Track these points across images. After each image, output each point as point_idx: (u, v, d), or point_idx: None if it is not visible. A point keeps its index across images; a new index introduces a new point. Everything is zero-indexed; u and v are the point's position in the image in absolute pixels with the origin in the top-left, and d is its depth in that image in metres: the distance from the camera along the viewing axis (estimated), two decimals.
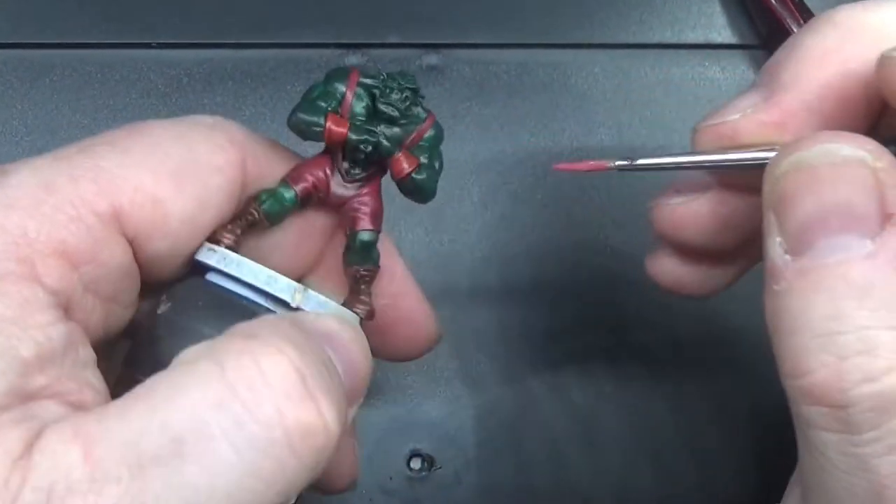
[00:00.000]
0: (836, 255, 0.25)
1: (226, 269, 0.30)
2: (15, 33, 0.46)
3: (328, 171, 0.32)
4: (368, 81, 0.31)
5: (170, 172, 0.29)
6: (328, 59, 0.47)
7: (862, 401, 0.25)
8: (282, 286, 0.30)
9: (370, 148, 0.31)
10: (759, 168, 0.28)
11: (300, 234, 0.33)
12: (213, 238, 0.31)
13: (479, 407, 0.44)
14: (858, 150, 0.26)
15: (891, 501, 0.25)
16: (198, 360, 0.24)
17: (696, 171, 0.31)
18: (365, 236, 0.32)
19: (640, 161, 0.30)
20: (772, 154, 0.28)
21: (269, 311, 0.30)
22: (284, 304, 0.30)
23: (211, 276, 0.31)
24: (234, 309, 0.30)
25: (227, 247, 0.30)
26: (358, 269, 0.32)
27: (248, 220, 0.31)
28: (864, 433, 0.25)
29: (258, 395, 0.23)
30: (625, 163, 0.30)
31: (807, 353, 0.25)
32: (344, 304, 0.32)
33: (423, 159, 0.32)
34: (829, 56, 0.28)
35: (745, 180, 0.31)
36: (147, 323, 0.30)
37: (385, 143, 0.31)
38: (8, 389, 0.24)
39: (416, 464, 0.44)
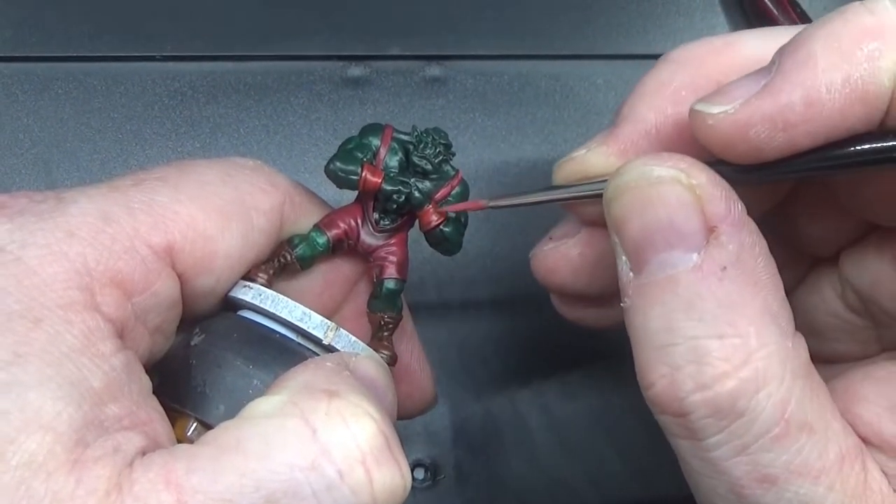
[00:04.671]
0: (666, 270, 0.26)
1: (261, 305, 0.31)
2: (20, 46, 0.46)
3: (359, 220, 0.33)
4: (403, 136, 0.33)
5: (219, 211, 0.30)
6: (331, 71, 0.47)
7: (698, 408, 0.26)
8: (315, 323, 0.31)
9: (402, 198, 0.32)
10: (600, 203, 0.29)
11: (327, 279, 0.34)
12: (247, 277, 0.32)
13: (478, 414, 0.44)
14: (671, 169, 0.26)
15: (751, 500, 0.26)
16: (284, 416, 0.25)
17: (553, 203, 0.32)
18: (391, 284, 0.33)
19: (502, 202, 0.32)
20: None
21: (300, 346, 0.31)
22: (316, 341, 0.31)
23: (244, 313, 0.31)
24: (267, 342, 0.30)
25: (261, 284, 0.31)
26: (383, 315, 0.33)
27: (281, 263, 0.32)
28: (707, 439, 0.26)
29: (350, 458, 0.24)
30: (494, 203, 0.32)
31: (648, 365, 0.27)
32: (371, 344, 0.33)
33: (451, 214, 0.33)
34: (663, 87, 0.30)
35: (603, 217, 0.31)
36: (180, 354, 0.30)
37: (417, 194, 0.32)
38: (85, 422, 0.24)
39: (419, 474, 0.44)
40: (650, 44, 0.48)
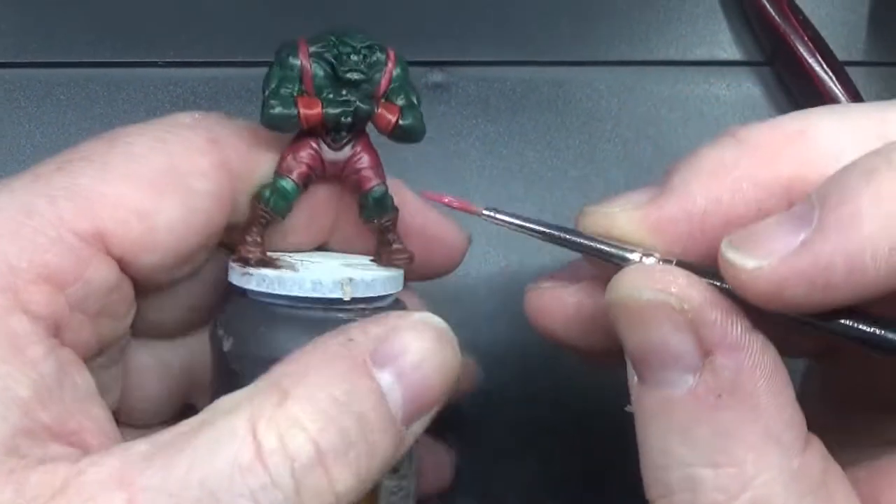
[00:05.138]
0: (662, 389, 0.26)
1: (268, 290, 0.30)
2: (21, 52, 0.46)
3: (315, 146, 0.31)
4: (321, 50, 0.31)
5: (150, 183, 0.29)
6: None
7: None
8: (328, 287, 0.30)
9: (350, 118, 0.31)
10: (613, 265, 0.28)
11: (309, 210, 0.33)
12: (239, 256, 0.31)
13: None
14: (660, 293, 0.25)
15: None
16: (235, 414, 0.25)
17: (560, 245, 0.29)
18: (376, 192, 0.32)
19: (501, 216, 0.29)
20: (626, 259, 0.27)
21: (326, 312, 0.30)
22: (338, 301, 0.30)
23: (257, 297, 0.31)
24: (293, 323, 0.30)
25: (257, 261, 0.31)
26: (379, 221, 0.32)
27: (262, 223, 0.31)
28: None
29: (279, 463, 0.24)
30: (489, 213, 0.30)
31: (648, 482, 0.26)
32: (378, 259, 0.33)
33: (401, 101, 0.32)
34: (723, 170, 0.27)
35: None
36: (218, 360, 0.30)
37: (362, 106, 0.31)
38: (14, 432, 0.24)
39: None
40: (653, 50, 0.48)
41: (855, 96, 0.46)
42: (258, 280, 0.30)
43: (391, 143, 0.32)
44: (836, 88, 0.46)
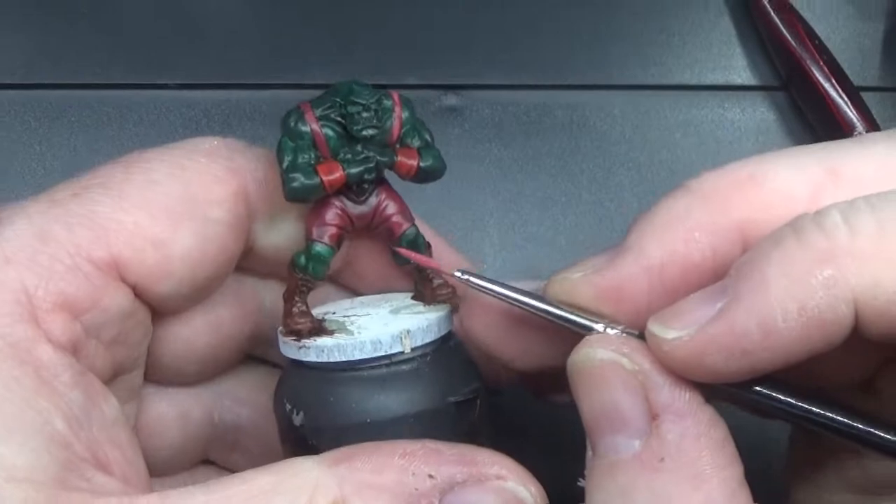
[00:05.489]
0: (610, 455, 0.26)
1: (329, 360, 0.30)
2: (33, 74, 0.46)
3: (340, 205, 0.31)
4: (328, 112, 0.31)
5: (167, 212, 0.29)
6: None
7: None
8: (388, 344, 0.30)
9: (373, 174, 0.31)
10: (575, 333, 0.28)
11: (339, 264, 0.33)
12: (290, 329, 0.31)
13: None
14: (614, 353, 0.26)
15: None
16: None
17: (531, 313, 0.29)
18: (409, 236, 0.32)
19: (475, 280, 0.29)
20: (591, 329, 0.27)
21: (390, 368, 0.30)
22: (399, 354, 0.30)
23: (313, 363, 0.30)
24: (362, 387, 0.30)
25: (310, 331, 0.30)
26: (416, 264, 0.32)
27: (305, 291, 0.31)
28: None
29: None
30: (461, 276, 0.30)
31: None
32: (423, 298, 0.33)
33: (417, 143, 0.32)
34: (676, 222, 0.27)
35: None
36: (290, 434, 0.30)
37: (381, 159, 0.31)
38: (58, 467, 0.24)
39: None
40: (667, 74, 0.48)
41: (870, 121, 0.46)
42: (317, 352, 0.30)
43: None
44: (852, 113, 0.46)
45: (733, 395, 0.26)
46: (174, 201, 0.29)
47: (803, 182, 0.26)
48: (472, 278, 0.29)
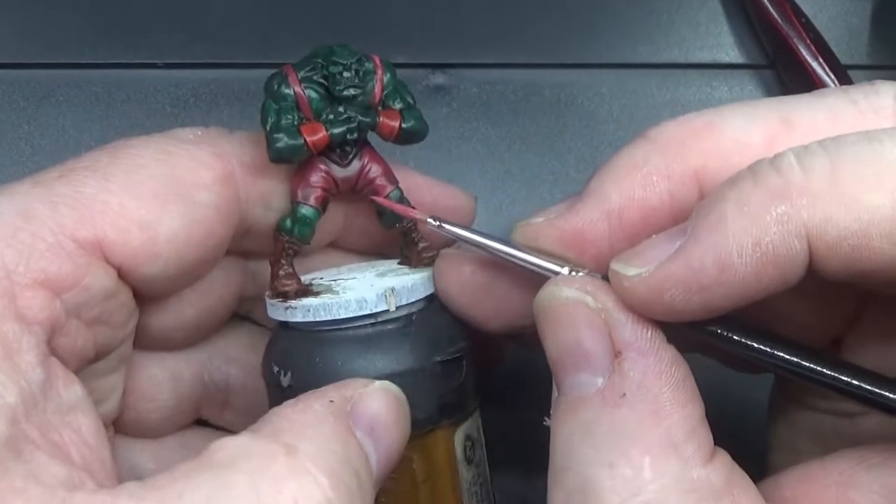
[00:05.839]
0: (574, 392, 0.26)
1: (315, 319, 0.30)
2: (21, 53, 0.46)
3: (325, 167, 0.32)
4: (310, 73, 0.31)
5: (153, 195, 0.29)
6: None
7: None
8: (373, 302, 0.30)
9: (355, 134, 0.31)
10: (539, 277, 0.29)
11: (324, 227, 0.33)
12: (277, 291, 0.31)
13: None
14: (578, 291, 0.26)
15: None
16: (234, 469, 0.24)
17: (494, 256, 0.30)
18: (394, 197, 0.33)
19: (447, 226, 0.30)
20: (556, 272, 0.28)
21: (375, 327, 0.30)
22: (384, 313, 0.31)
23: (304, 327, 0.31)
24: (347, 346, 0.30)
25: (296, 292, 0.31)
26: (400, 224, 0.33)
27: (290, 254, 0.31)
28: None
29: None
30: (434, 222, 0.31)
31: (549, 488, 0.26)
32: (408, 261, 0.33)
33: (399, 104, 0.32)
34: (635, 169, 0.28)
35: None
36: (278, 397, 0.30)
37: (364, 119, 0.31)
38: (1, 442, 0.23)
39: None
40: (655, 53, 0.48)
41: None
42: (303, 311, 0.30)
43: (392, 149, 0.32)
44: None
45: (698, 341, 0.27)
46: (160, 184, 0.29)
47: (758, 130, 0.27)
48: (444, 224, 0.30)
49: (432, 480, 0.32)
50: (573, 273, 0.28)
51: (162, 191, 0.29)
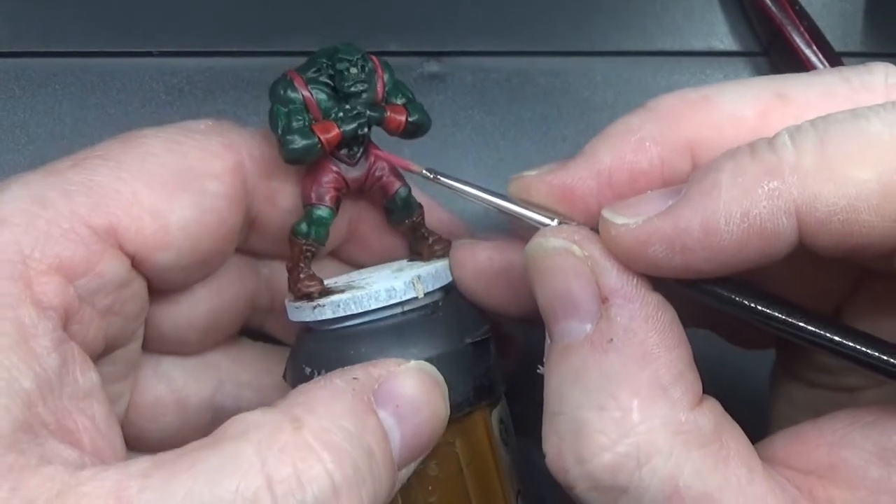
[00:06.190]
0: (564, 339, 0.27)
1: (346, 314, 0.30)
2: (16, 42, 0.46)
3: (336, 168, 0.32)
4: (315, 75, 0.32)
5: (164, 183, 0.29)
6: None
7: (580, 481, 0.26)
8: (401, 290, 0.31)
9: (366, 129, 0.32)
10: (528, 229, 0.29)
11: (337, 228, 0.34)
12: (301, 294, 0.31)
13: None
14: (564, 240, 0.27)
15: None
16: (244, 440, 0.25)
17: (495, 209, 0.31)
18: (402, 194, 0.33)
19: (443, 178, 0.31)
20: (545, 224, 0.29)
21: (405, 315, 0.31)
22: (411, 301, 0.31)
23: (332, 326, 0.31)
24: (379, 337, 0.30)
25: (320, 293, 0.31)
26: (410, 220, 0.34)
27: (309, 257, 0.32)
28: None
29: (290, 493, 0.24)
30: (429, 174, 0.31)
31: (544, 433, 0.27)
32: (421, 256, 0.34)
33: (401, 100, 0.33)
34: (629, 134, 0.29)
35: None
36: None
37: (373, 114, 0.32)
38: (17, 425, 0.24)
39: None
40: (649, 41, 0.48)
41: None
42: (332, 308, 0.30)
43: (386, 140, 0.33)
44: None
45: (705, 317, 0.27)
46: (172, 173, 0.30)
47: (753, 105, 0.28)
48: (440, 177, 0.31)
49: (476, 463, 0.32)
50: (560, 224, 0.29)
51: (173, 180, 0.29)
